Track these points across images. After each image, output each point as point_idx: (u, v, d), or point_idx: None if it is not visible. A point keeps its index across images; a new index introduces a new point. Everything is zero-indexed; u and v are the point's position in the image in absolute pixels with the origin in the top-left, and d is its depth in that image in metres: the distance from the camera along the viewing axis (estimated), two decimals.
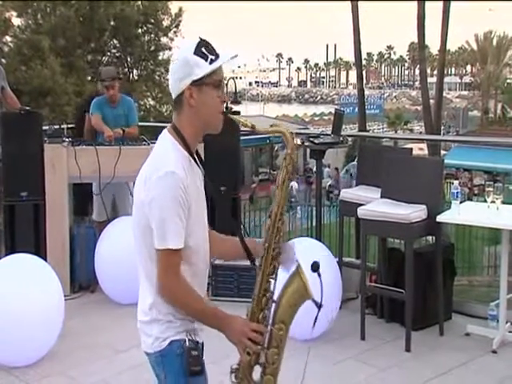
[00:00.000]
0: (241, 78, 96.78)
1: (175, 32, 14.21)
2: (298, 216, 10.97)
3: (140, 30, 14.15)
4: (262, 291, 1.85)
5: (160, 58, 14.04)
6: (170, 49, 13.77)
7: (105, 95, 5.24)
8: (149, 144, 4.76)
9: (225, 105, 1.87)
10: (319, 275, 1.85)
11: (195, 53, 1.77)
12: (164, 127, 1.90)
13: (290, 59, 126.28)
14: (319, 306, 1.84)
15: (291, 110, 60.73)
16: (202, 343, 1.89)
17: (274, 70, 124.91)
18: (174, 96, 1.82)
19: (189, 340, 1.81)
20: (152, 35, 14.24)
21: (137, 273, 1.89)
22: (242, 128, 1.94)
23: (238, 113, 3.98)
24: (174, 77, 1.80)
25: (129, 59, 14.15)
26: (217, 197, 1.96)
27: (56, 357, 3.68)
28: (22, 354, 3.56)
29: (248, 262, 1.95)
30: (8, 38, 13.07)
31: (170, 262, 1.75)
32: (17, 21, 13.41)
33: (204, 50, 1.78)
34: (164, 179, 1.72)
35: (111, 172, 4.62)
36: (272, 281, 1.85)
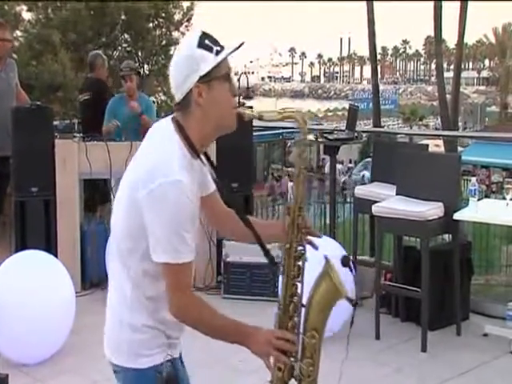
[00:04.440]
0: (253, 72, 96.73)
1: (187, 26, 14.12)
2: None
3: (151, 25, 14.07)
4: (287, 297, 1.68)
5: (171, 52, 13.95)
6: None
7: (121, 94, 5.25)
8: None
9: (236, 99, 1.72)
10: (351, 270, 1.68)
11: (199, 46, 1.59)
12: None
13: (303, 54, 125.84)
14: (354, 303, 1.67)
15: (304, 105, 60.57)
16: (180, 354, 1.75)
17: (286, 64, 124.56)
18: (178, 98, 1.63)
19: (166, 361, 1.65)
20: (163, 29, 14.16)
21: None
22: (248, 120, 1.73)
23: (250, 108, 3.94)
24: (178, 77, 1.61)
25: (140, 54, 14.09)
26: (228, 194, 1.86)
27: (68, 354, 3.65)
28: (33, 351, 3.53)
29: (260, 259, 1.83)
30: (18, 33, 13.02)
31: (181, 277, 1.60)
32: (27, 15, 13.38)
33: (208, 41, 1.60)
34: (170, 189, 1.55)
35: (122, 168, 4.57)
36: (298, 284, 1.68)
